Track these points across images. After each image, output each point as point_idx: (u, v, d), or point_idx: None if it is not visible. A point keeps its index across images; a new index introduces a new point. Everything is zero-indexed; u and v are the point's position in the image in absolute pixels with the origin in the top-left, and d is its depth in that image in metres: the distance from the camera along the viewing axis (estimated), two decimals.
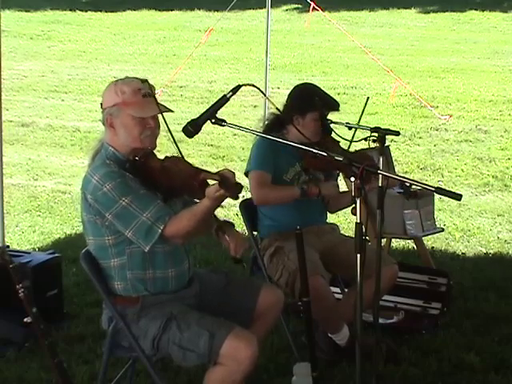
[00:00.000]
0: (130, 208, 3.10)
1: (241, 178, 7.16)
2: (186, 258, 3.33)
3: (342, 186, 4.54)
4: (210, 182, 3.01)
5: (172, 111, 3.27)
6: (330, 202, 4.38)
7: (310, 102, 4.14)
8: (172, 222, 3.10)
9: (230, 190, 2.91)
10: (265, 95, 3.40)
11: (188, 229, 3.12)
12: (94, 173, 3.16)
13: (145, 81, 3.24)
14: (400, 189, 4.13)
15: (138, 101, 3.16)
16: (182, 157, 3.16)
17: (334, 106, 4.21)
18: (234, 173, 3.01)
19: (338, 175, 4.39)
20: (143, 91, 3.18)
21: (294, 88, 4.33)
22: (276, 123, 4.26)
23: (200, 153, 9.31)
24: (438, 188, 2.77)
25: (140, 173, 3.16)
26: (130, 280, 3.23)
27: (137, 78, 3.25)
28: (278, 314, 3.57)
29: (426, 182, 3.01)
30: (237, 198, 2.96)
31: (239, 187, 2.93)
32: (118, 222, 3.13)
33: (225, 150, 9.43)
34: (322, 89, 4.28)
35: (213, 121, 3.04)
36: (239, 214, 4.38)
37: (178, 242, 3.21)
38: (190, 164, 3.11)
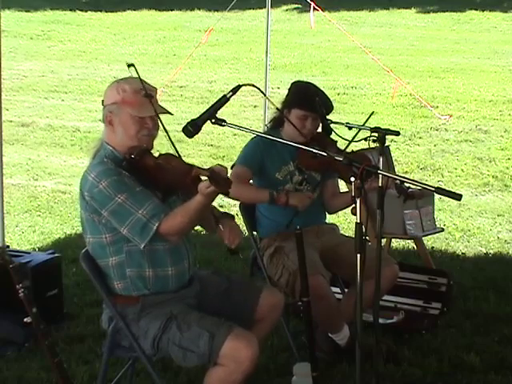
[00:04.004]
0: (126, 205, 3.11)
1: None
2: (186, 256, 3.33)
3: (342, 185, 4.53)
4: (203, 178, 3.02)
5: (171, 114, 3.27)
6: (328, 202, 4.38)
7: (296, 98, 4.14)
8: (167, 219, 3.11)
9: (219, 185, 2.92)
10: (265, 95, 3.40)
11: (182, 225, 3.13)
12: (91, 170, 3.19)
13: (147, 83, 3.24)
14: (396, 191, 4.09)
15: (138, 100, 3.17)
16: (179, 155, 3.17)
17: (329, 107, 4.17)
18: (226, 168, 3.03)
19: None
20: (144, 92, 3.19)
21: (291, 84, 4.34)
22: (274, 121, 4.30)
23: (200, 153, 9.31)
24: (438, 188, 2.77)
25: (136, 170, 3.18)
26: (130, 278, 3.22)
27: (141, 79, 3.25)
28: (279, 316, 3.57)
29: (426, 182, 3.00)
30: (227, 193, 2.97)
31: (229, 182, 2.94)
32: (113, 218, 3.14)
33: (225, 150, 9.42)
34: (320, 88, 4.26)
35: (213, 121, 3.04)
36: (239, 214, 4.37)
37: (173, 239, 3.19)
38: (183, 161, 3.13)
